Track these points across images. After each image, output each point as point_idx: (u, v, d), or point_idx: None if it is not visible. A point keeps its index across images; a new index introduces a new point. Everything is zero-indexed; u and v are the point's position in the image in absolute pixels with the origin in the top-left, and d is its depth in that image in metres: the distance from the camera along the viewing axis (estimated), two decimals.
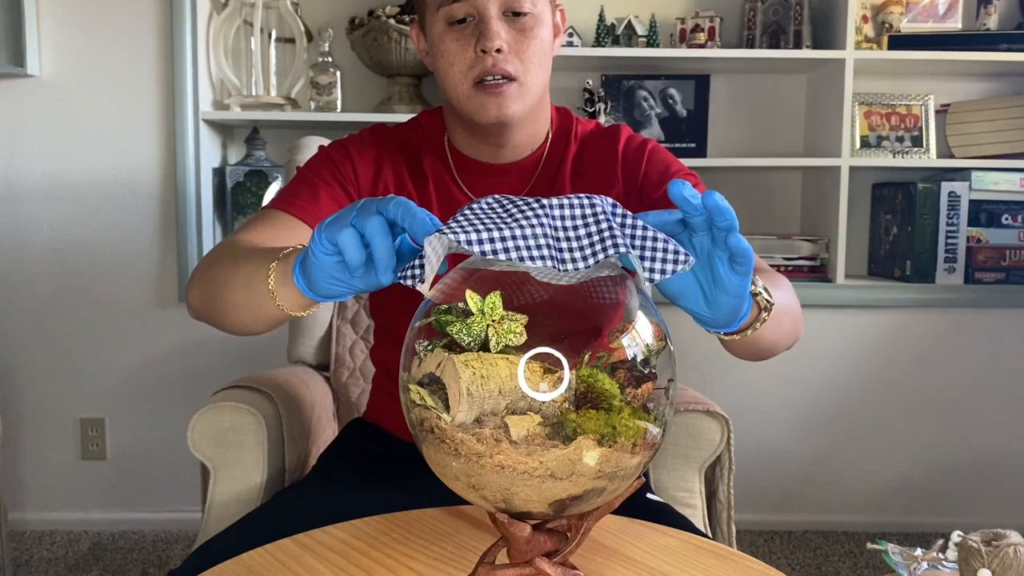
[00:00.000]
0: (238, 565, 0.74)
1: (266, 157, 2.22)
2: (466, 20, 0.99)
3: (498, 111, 0.99)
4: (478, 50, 0.98)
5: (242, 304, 0.84)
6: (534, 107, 1.04)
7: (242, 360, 2.15)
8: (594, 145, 1.11)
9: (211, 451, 1.18)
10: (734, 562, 0.78)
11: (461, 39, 0.99)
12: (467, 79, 0.99)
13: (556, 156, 1.10)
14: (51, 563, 2.06)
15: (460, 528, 0.82)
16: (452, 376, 0.59)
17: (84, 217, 2.18)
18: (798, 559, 2.14)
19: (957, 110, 2.30)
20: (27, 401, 2.22)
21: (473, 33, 0.98)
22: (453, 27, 0.99)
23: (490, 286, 0.60)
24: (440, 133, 1.11)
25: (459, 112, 1.04)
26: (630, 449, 0.61)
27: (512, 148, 1.07)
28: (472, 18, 0.99)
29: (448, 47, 1.00)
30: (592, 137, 1.12)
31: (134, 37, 2.13)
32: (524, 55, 0.99)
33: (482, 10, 0.98)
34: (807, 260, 2.22)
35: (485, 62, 0.98)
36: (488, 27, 0.97)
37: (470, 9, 0.98)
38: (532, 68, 1.00)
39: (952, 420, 2.30)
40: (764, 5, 2.21)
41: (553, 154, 1.10)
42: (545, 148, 1.10)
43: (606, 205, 0.61)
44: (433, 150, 1.10)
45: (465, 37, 0.99)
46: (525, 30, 0.99)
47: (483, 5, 0.98)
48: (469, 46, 0.99)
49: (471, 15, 0.99)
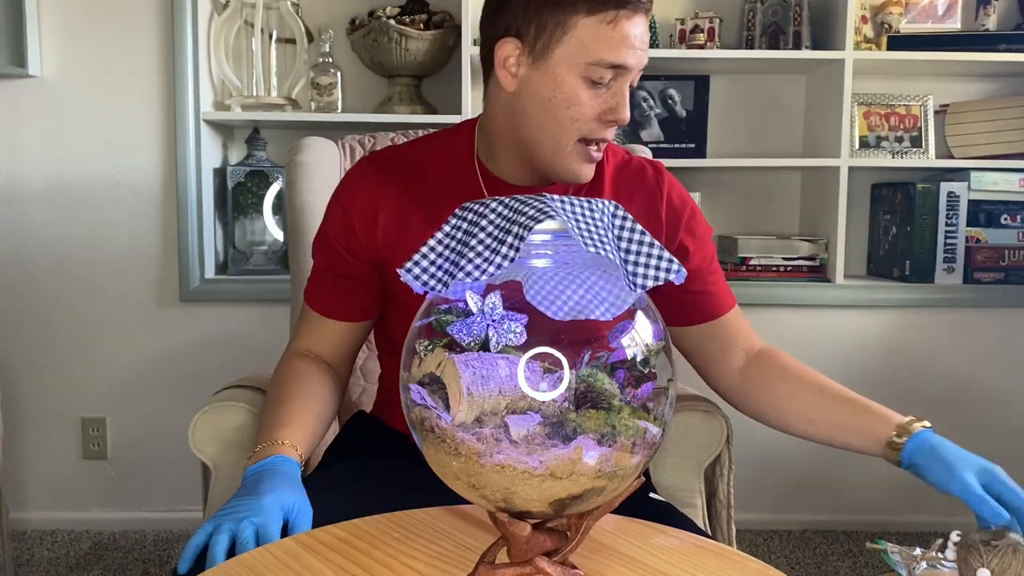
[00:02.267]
0: (238, 564, 0.75)
1: (267, 157, 2.22)
2: (601, 82, 0.97)
3: (588, 173, 1.02)
4: (607, 118, 0.97)
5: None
6: None
7: (243, 360, 2.16)
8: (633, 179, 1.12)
9: (212, 451, 1.18)
10: (734, 561, 0.78)
11: (596, 99, 0.97)
12: (579, 135, 0.98)
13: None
14: (52, 562, 2.06)
15: (460, 527, 0.82)
16: (452, 376, 0.60)
17: (85, 217, 2.18)
18: (798, 558, 2.15)
19: (956, 110, 2.30)
20: (28, 400, 2.23)
21: (606, 98, 0.97)
22: (590, 83, 0.96)
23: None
24: (468, 152, 1.09)
25: (538, 153, 1.01)
26: (630, 449, 0.61)
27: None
28: (610, 83, 0.97)
29: (582, 99, 0.96)
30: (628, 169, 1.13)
31: (135, 38, 2.13)
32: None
33: (625, 83, 0.97)
34: (806, 260, 2.23)
35: (607, 131, 0.99)
36: (626, 103, 0.97)
37: (616, 76, 0.96)
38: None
39: (951, 420, 2.30)
40: (763, 6, 2.21)
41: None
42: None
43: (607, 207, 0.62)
44: (460, 168, 1.08)
45: (600, 98, 0.97)
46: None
47: (628, 79, 0.97)
48: (599, 109, 0.97)
49: (612, 79, 0.97)
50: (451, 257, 0.61)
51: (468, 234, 0.61)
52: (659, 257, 0.61)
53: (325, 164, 1.52)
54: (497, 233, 0.59)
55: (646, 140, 2.24)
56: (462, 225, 0.62)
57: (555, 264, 0.61)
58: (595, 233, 0.59)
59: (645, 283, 0.60)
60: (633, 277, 0.60)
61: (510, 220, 0.59)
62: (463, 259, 0.59)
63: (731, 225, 2.38)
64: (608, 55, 0.94)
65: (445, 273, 0.60)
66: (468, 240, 0.60)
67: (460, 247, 0.61)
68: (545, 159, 1.00)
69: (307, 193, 1.48)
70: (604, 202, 0.62)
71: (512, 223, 0.59)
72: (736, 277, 2.21)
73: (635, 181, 1.12)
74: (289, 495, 0.86)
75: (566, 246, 0.61)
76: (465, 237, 0.61)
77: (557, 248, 0.62)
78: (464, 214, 0.62)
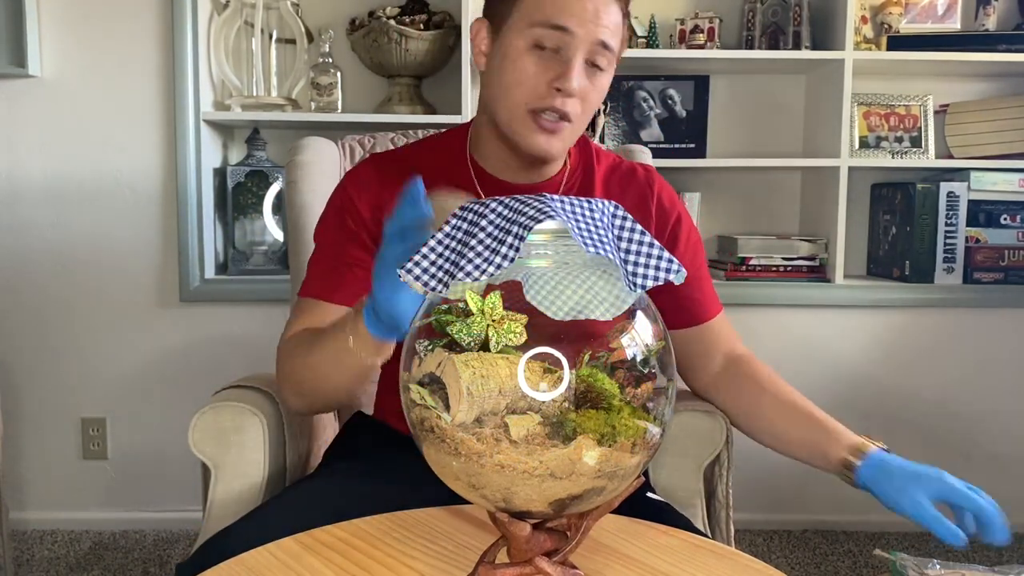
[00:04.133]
0: (239, 564, 0.75)
1: (267, 157, 2.22)
2: (550, 49, 0.99)
3: (546, 146, 1.02)
4: (553, 85, 0.99)
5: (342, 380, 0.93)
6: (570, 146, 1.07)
7: (243, 360, 2.15)
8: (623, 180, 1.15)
9: (212, 451, 1.18)
10: (734, 561, 0.78)
11: (540, 65, 0.99)
12: (528, 104, 1.00)
13: (574, 178, 1.13)
14: (52, 562, 2.06)
15: (460, 527, 0.82)
16: (452, 376, 0.60)
17: (85, 217, 2.18)
18: (797, 558, 2.15)
19: (956, 110, 2.30)
20: (28, 401, 2.23)
21: (554, 67, 0.99)
22: (536, 50, 0.99)
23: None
24: (462, 151, 1.12)
25: (501, 127, 1.04)
26: (630, 449, 0.61)
27: (538, 168, 1.10)
28: (557, 51, 0.99)
29: (524, 66, 0.99)
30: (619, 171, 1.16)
31: (135, 38, 2.13)
32: (587, 103, 1.02)
33: (573, 51, 0.99)
34: (806, 260, 2.23)
35: (555, 99, 0.99)
36: (572, 70, 0.98)
37: (562, 43, 0.98)
38: (586, 115, 1.04)
39: (951, 420, 2.30)
40: (763, 6, 2.21)
41: (572, 176, 1.13)
42: (565, 172, 1.13)
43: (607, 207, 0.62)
44: (454, 167, 1.11)
45: (545, 65, 0.99)
46: (595, 82, 1.02)
47: (576, 46, 0.98)
48: (545, 76, 0.99)
49: (559, 48, 0.99)
50: (451, 257, 0.61)
51: (468, 234, 0.61)
52: (659, 257, 0.61)
53: (325, 164, 1.53)
54: (497, 233, 0.59)
55: (646, 140, 2.24)
56: (462, 225, 0.62)
57: (555, 264, 0.61)
58: (595, 233, 0.59)
59: (645, 283, 0.60)
60: (633, 277, 0.60)
61: (510, 220, 0.59)
62: (463, 259, 0.59)
63: (731, 225, 2.38)
64: (551, 15, 0.97)
65: (445, 273, 0.61)
66: (468, 240, 0.60)
67: (460, 247, 0.61)
68: (508, 133, 1.03)
69: (307, 193, 1.48)
70: (604, 202, 0.62)
71: (512, 223, 0.59)
72: (736, 277, 2.21)
73: (626, 181, 1.15)
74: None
75: (566, 246, 0.61)
76: (465, 237, 0.61)
77: (557, 248, 0.62)
78: (464, 214, 0.62)
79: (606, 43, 1.00)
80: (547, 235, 0.61)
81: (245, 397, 1.21)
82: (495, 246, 0.58)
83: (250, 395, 1.22)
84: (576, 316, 0.59)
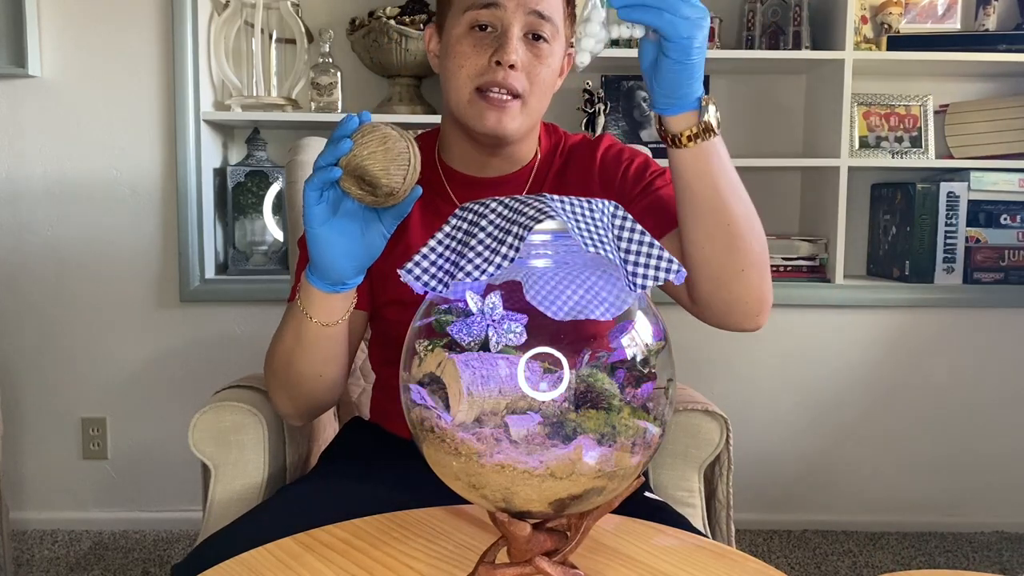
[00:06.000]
0: (239, 564, 0.75)
1: (267, 157, 2.22)
2: (487, 29, 1.00)
3: (496, 123, 1.01)
4: (493, 60, 0.99)
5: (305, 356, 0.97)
6: (530, 128, 1.07)
7: (243, 360, 2.16)
8: (576, 156, 1.13)
9: (212, 451, 1.18)
10: (733, 561, 0.78)
11: (479, 45, 1.01)
12: (472, 84, 1.01)
13: (543, 171, 1.12)
14: (52, 562, 2.06)
15: (460, 527, 0.82)
16: (452, 376, 0.60)
17: (85, 217, 2.18)
18: (797, 558, 2.15)
19: (956, 110, 2.30)
20: (28, 400, 2.23)
21: (492, 44, 1.00)
22: (474, 32, 1.01)
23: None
24: (431, 152, 1.13)
25: (456, 116, 1.05)
26: (630, 449, 0.61)
27: (503, 160, 1.09)
28: (495, 29, 1.00)
29: (463, 49, 1.01)
30: (576, 149, 1.14)
31: (135, 38, 2.13)
32: (534, 77, 1.01)
33: (507, 24, 1.00)
34: (806, 260, 2.23)
35: (496, 73, 0.99)
36: (509, 41, 0.99)
37: (496, 19, 1.00)
38: (537, 91, 1.03)
39: (951, 420, 2.30)
40: (763, 6, 2.21)
41: (541, 169, 1.12)
42: (535, 164, 1.12)
43: (607, 207, 0.62)
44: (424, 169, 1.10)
45: (483, 44, 1.00)
46: (540, 55, 1.02)
47: (509, 19, 0.99)
48: (485, 54, 1.00)
49: (495, 26, 1.00)
50: (451, 257, 0.61)
51: (468, 234, 0.61)
52: (659, 257, 0.61)
53: None
54: (497, 233, 0.59)
55: (646, 140, 2.24)
56: (462, 225, 0.62)
57: (555, 264, 0.61)
58: (595, 233, 0.59)
59: (645, 283, 0.61)
60: (633, 277, 0.61)
61: (510, 220, 0.59)
62: (463, 259, 0.59)
63: None
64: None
65: (445, 273, 0.61)
66: (468, 240, 0.60)
67: (460, 247, 0.61)
68: (462, 120, 1.04)
69: None
70: (604, 202, 0.62)
71: (512, 223, 0.59)
72: None
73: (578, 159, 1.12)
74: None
75: (566, 246, 0.62)
76: (465, 237, 0.61)
77: (557, 248, 0.62)
78: (464, 214, 0.62)
79: (541, 13, 1.00)
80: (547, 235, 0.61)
81: (245, 397, 1.21)
82: (495, 246, 0.58)
83: (250, 395, 1.22)
84: (576, 316, 0.59)
